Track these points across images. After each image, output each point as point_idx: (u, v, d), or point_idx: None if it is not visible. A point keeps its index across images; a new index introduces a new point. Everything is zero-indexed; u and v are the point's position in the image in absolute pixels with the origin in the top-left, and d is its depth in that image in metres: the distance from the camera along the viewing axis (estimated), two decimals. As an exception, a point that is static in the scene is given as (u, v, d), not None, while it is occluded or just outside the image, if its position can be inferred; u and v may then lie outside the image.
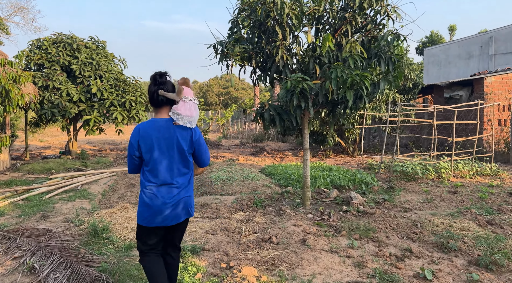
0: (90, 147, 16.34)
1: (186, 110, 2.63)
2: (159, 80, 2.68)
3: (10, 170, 9.87)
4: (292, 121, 5.49)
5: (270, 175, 8.90)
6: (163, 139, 2.61)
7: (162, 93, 2.63)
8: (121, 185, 8.01)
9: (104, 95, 11.37)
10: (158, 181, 2.62)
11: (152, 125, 2.64)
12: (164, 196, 2.61)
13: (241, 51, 5.21)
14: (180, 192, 2.66)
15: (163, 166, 2.63)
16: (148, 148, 2.62)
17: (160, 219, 2.62)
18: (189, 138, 2.67)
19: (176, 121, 2.61)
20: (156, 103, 2.68)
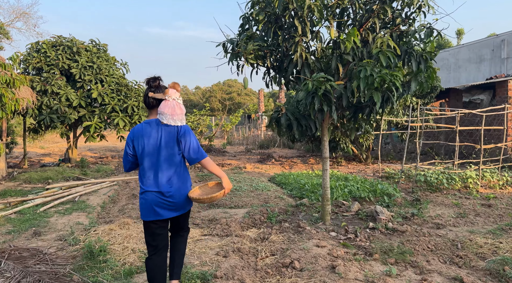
0: (91, 154, 15.82)
1: (169, 109, 2.79)
2: (152, 84, 2.90)
3: (6, 179, 9.34)
4: (311, 126, 4.93)
5: (281, 185, 8.32)
6: (151, 137, 2.81)
7: (151, 95, 2.84)
8: (122, 196, 7.45)
9: (105, 100, 10.87)
10: (149, 178, 2.81)
11: (144, 126, 2.87)
12: (155, 194, 2.78)
13: (255, 49, 4.66)
14: (165, 187, 2.79)
15: (152, 163, 2.81)
16: (140, 147, 2.83)
17: (154, 215, 2.80)
18: (175, 135, 2.82)
19: (161, 120, 2.79)
20: (148, 105, 2.90)
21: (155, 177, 2.80)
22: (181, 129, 2.84)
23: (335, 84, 4.33)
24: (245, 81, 4.78)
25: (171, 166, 2.82)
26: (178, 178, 2.84)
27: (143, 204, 2.83)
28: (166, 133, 2.81)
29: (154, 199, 2.79)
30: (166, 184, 2.79)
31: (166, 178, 2.80)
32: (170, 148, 2.81)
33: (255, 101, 48.36)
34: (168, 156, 2.80)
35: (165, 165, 2.80)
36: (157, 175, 2.79)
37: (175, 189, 2.81)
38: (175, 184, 2.82)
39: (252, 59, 4.71)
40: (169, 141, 2.81)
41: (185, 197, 2.85)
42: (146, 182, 2.82)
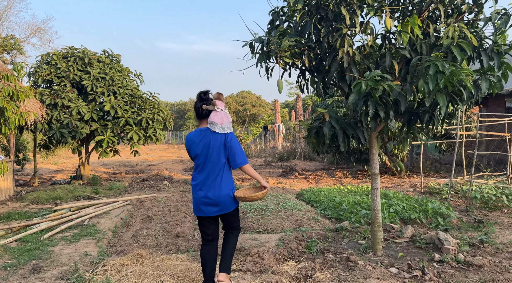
0: (104, 170, 15.23)
1: (219, 119, 3.14)
2: (203, 97, 3.27)
3: (13, 199, 8.72)
4: (360, 137, 4.09)
5: (312, 203, 7.44)
6: (202, 143, 3.17)
7: (205, 107, 3.19)
8: (136, 218, 6.69)
9: (118, 113, 10.25)
10: (199, 178, 3.20)
11: (197, 133, 3.24)
12: (199, 191, 3.17)
13: (291, 46, 3.88)
14: (211, 189, 3.14)
15: (202, 165, 3.18)
16: (193, 152, 3.23)
17: (200, 212, 3.19)
18: (222, 142, 3.16)
19: (212, 129, 3.14)
20: (200, 116, 3.27)
21: (203, 178, 3.17)
22: (228, 136, 3.19)
23: (394, 85, 3.50)
24: (279, 84, 3.99)
25: (218, 169, 3.16)
26: (222, 180, 3.18)
27: (193, 201, 3.27)
28: (215, 139, 3.16)
29: (201, 198, 3.17)
30: (212, 185, 3.15)
31: (212, 180, 3.15)
32: (217, 152, 3.16)
33: (270, 112, 47.69)
34: (215, 160, 3.15)
35: (213, 167, 3.16)
36: (205, 176, 3.17)
37: (219, 190, 3.14)
38: (220, 185, 3.15)
39: (287, 58, 3.92)
40: (217, 147, 3.15)
41: (228, 197, 3.19)
42: (196, 181, 3.23)
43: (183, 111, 60.45)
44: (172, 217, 6.44)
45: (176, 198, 8.15)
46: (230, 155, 3.18)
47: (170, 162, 18.11)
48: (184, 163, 17.70)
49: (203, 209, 3.18)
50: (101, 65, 10.93)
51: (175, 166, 16.21)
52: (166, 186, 10.10)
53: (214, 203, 3.15)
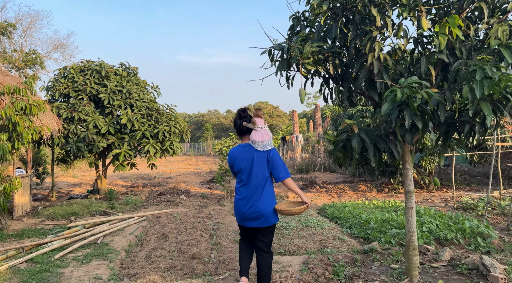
0: (122, 183, 15.13)
1: (259, 137, 3.32)
2: (243, 115, 3.48)
3: (29, 214, 8.60)
4: (393, 151, 3.68)
5: (335, 220, 6.99)
6: (246, 159, 3.35)
7: (245, 124, 3.41)
8: (151, 235, 6.39)
9: (135, 126, 10.10)
10: (242, 191, 3.38)
11: (240, 149, 3.43)
12: (244, 205, 3.34)
13: (314, 51, 3.55)
14: (255, 203, 3.30)
15: (245, 179, 3.35)
16: (236, 167, 3.42)
17: (242, 222, 3.43)
18: (265, 157, 3.33)
19: (255, 147, 3.33)
20: (241, 132, 3.49)
21: (247, 192, 3.32)
22: (271, 152, 3.33)
23: (433, 92, 3.11)
24: (301, 93, 3.65)
25: (261, 182, 3.31)
26: (266, 193, 3.32)
27: (236, 211, 3.45)
28: (258, 155, 3.31)
29: (244, 210, 3.33)
30: (255, 198, 3.29)
31: (256, 193, 3.30)
32: (260, 167, 3.31)
33: (287, 123, 47.28)
34: (258, 174, 3.30)
35: (256, 182, 3.30)
36: (249, 190, 3.32)
37: (262, 203, 3.28)
38: (263, 199, 3.29)
39: (310, 65, 3.58)
40: (260, 162, 3.30)
41: (270, 210, 3.32)
42: (240, 195, 3.38)
43: (201, 123, 60.76)
44: (188, 235, 6.12)
45: (193, 213, 7.85)
46: (273, 169, 3.33)
47: (188, 175, 17.92)
48: (201, 175, 17.47)
49: (246, 220, 3.35)
50: (118, 78, 10.87)
51: (192, 178, 15.99)
52: (182, 201, 9.83)
53: (257, 216, 3.29)
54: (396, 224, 5.89)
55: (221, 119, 63.53)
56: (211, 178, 14.63)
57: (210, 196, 10.50)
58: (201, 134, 52.18)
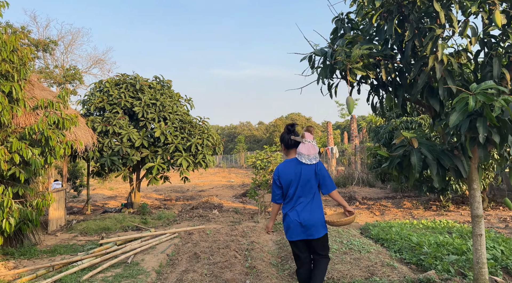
0: (156, 196, 15.09)
1: (306, 150, 3.42)
2: (291, 129, 3.57)
3: (63, 229, 8.58)
4: (460, 169, 3.13)
5: (381, 242, 6.37)
6: (294, 173, 3.44)
7: (293, 138, 3.50)
8: (183, 255, 6.07)
9: (168, 139, 9.97)
10: (291, 206, 3.46)
11: (287, 164, 3.52)
12: (296, 219, 3.39)
13: (364, 55, 3.10)
14: (307, 214, 3.39)
15: (294, 193, 3.44)
16: (284, 181, 3.49)
17: (295, 236, 3.43)
18: (313, 170, 3.43)
19: (300, 159, 3.42)
20: (289, 146, 3.56)
21: (297, 205, 3.41)
22: (318, 165, 3.43)
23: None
24: (350, 102, 3.20)
25: (309, 196, 3.42)
26: (314, 206, 3.42)
27: (287, 227, 3.47)
28: (305, 169, 3.41)
29: (295, 224, 3.39)
30: (304, 211, 3.38)
31: (305, 205, 3.40)
32: (309, 181, 3.40)
33: (320, 135, 46.37)
34: (308, 187, 3.40)
35: (305, 194, 3.41)
36: (298, 203, 3.41)
37: (311, 215, 3.38)
38: (312, 211, 3.39)
39: (359, 70, 3.14)
40: (308, 175, 3.40)
41: (321, 221, 3.41)
42: (289, 209, 3.45)
43: (233, 135, 61.03)
44: (221, 256, 5.73)
45: (226, 231, 7.47)
46: (322, 181, 3.45)
47: (220, 188, 17.67)
48: (234, 188, 17.16)
49: (299, 234, 3.39)
50: (152, 91, 10.84)
51: (225, 192, 15.70)
52: (215, 216, 9.50)
53: (308, 227, 3.37)
54: (453, 249, 5.21)
55: (253, 131, 63.54)
56: (244, 192, 14.27)
57: (243, 211, 10.11)
58: (234, 146, 52.28)
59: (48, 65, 21.46)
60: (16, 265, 5.69)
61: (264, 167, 9.03)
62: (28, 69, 5.36)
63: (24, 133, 5.33)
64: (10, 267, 5.58)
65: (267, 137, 52.80)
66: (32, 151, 5.34)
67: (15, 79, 5.11)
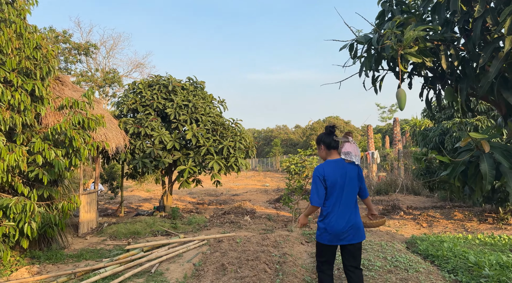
0: (189, 199, 14.92)
1: (354, 149, 3.39)
2: (332, 131, 3.52)
3: (94, 232, 8.48)
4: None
5: (431, 259, 5.61)
6: (339, 174, 3.35)
7: (337, 138, 3.45)
8: (209, 266, 5.65)
9: (200, 142, 9.66)
10: (334, 209, 3.33)
11: (331, 164, 3.41)
12: (339, 221, 3.31)
13: (420, 38, 2.52)
14: (350, 217, 3.34)
15: (338, 196, 3.34)
16: (329, 183, 3.34)
17: (335, 240, 3.32)
18: (356, 173, 3.43)
19: (347, 159, 3.37)
20: (331, 147, 3.48)
21: (340, 207, 3.33)
22: (360, 168, 3.48)
23: None
24: (401, 96, 2.63)
25: (352, 199, 3.39)
26: (356, 209, 3.41)
27: (326, 230, 3.35)
28: (351, 170, 3.38)
29: (339, 226, 3.30)
30: (349, 213, 3.34)
31: (349, 208, 3.35)
32: (353, 183, 3.38)
33: (360, 139, 44.78)
34: (351, 190, 3.37)
35: (349, 197, 3.36)
36: (341, 205, 3.34)
37: (356, 217, 3.37)
38: (356, 213, 3.39)
39: (414, 56, 2.55)
40: (353, 178, 3.38)
41: (361, 225, 3.41)
42: (331, 211, 3.35)
43: (269, 138, 60.62)
44: (250, 269, 5.25)
45: (257, 240, 6.99)
46: (363, 185, 3.51)
47: (254, 192, 17.24)
48: (268, 193, 16.66)
49: (339, 236, 3.30)
50: (185, 93, 10.63)
51: (258, 196, 15.24)
52: (247, 223, 9.05)
53: (355, 230, 3.33)
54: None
55: (290, 134, 62.78)
56: (278, 197, 13.74)
57: (276, 219, 9.59)
58: (270, 149, 51.85)
59: (90, 68, 22.15)
60: (40, 270, 5.54)
61: (299, 172, 8.47)
62: (52, 66, 5.18)
63: (47, 133, 5.15)
64: (34, 272, 5.42)
65: (304, 141, 51.89)
66: (55, 152, 5.15)
67: (37, 77, 4.95)
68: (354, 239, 3.34)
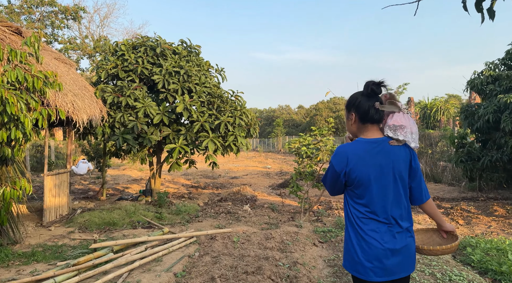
0: (183, 181, 13.49)
1: (409, 123, 1.96)
2: (376, 91, 2.02)
3: (64, 220, 7.06)
4: None
5: (492, 275, 4.16)
6: (379, 163, 1.94)
7: (378, 106, 1.99)
8: (196, 277, 4.22)
9: (193, 116, 8.12)
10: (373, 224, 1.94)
11: (362, 146, 1.98)
12: (384, 240, 1.90)
13: None
14: (403, 234, 1.94)
15: (382, 200, 1.93)
16: (359, 175, 1.93)
17: (382, 274, 1.89)
18: (408, 160, 1.97)
19: (394, 139, 1.95)
20: (369, 119, 2.01)
21: (384, 218, 1.92)
22: (415, 155, 2.01)
23: None
24: None
25: (402, 205, 1.96)
26: (409, 221, 1.99)
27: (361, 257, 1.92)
28: (397, 157, 1.95)
29: (380, 253, 1.90)
30: (398, 226, 1.94)
31: (398, 219, 1.95)
32: (402, 179, 1.96)
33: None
34: (398, 190, 1.95)
35: (395, 203, 1.95)
36: (386, 215, 1.93)
37: (406, 239, 1.95)
38: (407, 228, 1.98)
39: None
40: (401, 170, 1.95)
41: (414, 250, 2.00)
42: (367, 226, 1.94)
43: (271, 118, 59.02)
44: (249, 287, 3.82)
45: (259, 239, 5.55)
46: (417, 184, 1.99)
47: (255, 175, 15.80)
48: (270, 177, 15.22)
49: (384, 268, 1.88)
50: (177, 58, 9.00)
51: (260, 180, 13.80)
52: (246, 214, 7.62)
53: (407, 255, 1.93)
54: None
55: (293, 115, 61.08)
56: (282, 182, 12.30)
57: (281, 209, 8.15)
58: (271, 129, 50.27)
59: (82, 35, 20.32)
60: (-35, 280, 4.11)
61: (311, 155, 6.96)
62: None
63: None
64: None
65: (307, 122, 50.22)
66: (-24, 120, 3.63)
67: None
68: (407, 270, 1.95)
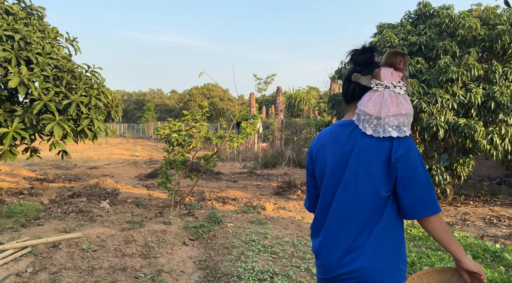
0: (26, 173, 11.11)
1: (375, 105, 1.36)
2: (363, 59, 1.46)
3: None
4: None
5: None
6: (339, 153, 1.43)
7: (355, 78, 1.44)
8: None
9: (34, 94, 6.46)
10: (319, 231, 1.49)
11: (333, 130, 1.50)
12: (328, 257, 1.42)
13: None
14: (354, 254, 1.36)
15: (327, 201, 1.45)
16: (319, 167, 1.51)
17: None
18: (383, 154, 1.34)
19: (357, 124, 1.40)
20: (349, 96, 1.50)
21: (331, 226, 1.43)
22: (400, 145, 1.34)
23: None
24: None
25: (365, 210, 1.37)
26: (375, 241, 1.35)
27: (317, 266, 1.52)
28: (365, 145, 1.37)
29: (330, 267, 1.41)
30: (345, 250, 1.38)
31: (346, 238, 1.38)
32: (368, 177, 1.36)
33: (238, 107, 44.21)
34: (359, 192, 1.37)
35: (353, 206, 1.38)
36: (331, 227, 1.43)
37: (363, 265, 1.34)
38: (366, 253, 1.34)
39: None
40: (368, 164, 1.36)
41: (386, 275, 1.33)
42: (315, 239, 1.52)
43: (141, 102, 55.65)
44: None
45: (116, 243, 4.60)
46: (403, 188, 1.33)
47: (120, 164, 14.21)
48: (138, 166, 13.89)
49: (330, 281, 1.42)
50: (10, 19, 7.05)
51: (125, 170, 12.40)
52: (104, 211, 6.46)
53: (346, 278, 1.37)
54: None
55: (165, 99, 58.78)
56: (151, 171, 11.23)
57: (147, 203, 7.23)
58: (142, 114, 47.31)
59: None
60: None
61: (183, 143, 6.22)
62: None
63: None
64: None
65: (180, 107, 48.84)
66: None
67: None
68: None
